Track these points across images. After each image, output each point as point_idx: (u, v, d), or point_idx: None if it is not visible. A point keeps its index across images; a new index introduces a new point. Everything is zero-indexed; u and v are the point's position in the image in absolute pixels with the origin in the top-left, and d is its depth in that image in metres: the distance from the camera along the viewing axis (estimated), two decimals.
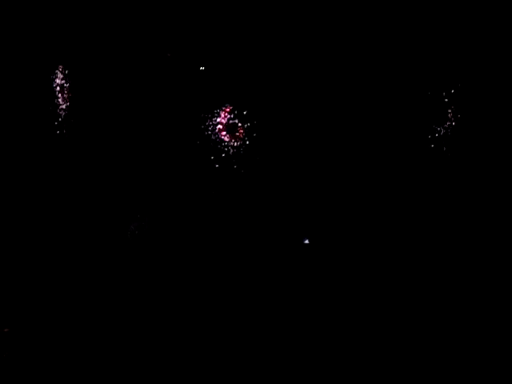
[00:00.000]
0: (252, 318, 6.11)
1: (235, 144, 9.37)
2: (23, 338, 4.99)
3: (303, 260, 8.74)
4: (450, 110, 6.76)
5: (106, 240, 8.61)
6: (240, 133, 9.10)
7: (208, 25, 8.01)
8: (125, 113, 8.88)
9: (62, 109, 7.14)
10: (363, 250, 8.55)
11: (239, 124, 9.25)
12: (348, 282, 7.61)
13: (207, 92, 9.27)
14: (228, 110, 8.91)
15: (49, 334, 5.22)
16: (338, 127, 9.03)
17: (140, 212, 8.97)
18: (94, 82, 8.40)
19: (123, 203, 8.97)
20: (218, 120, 8.98)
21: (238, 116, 9.48)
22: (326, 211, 9.16)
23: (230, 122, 9.15)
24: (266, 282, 7.68)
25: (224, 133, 9.12)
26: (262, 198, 9.57)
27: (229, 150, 9.50)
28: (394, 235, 8.35)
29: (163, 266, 8.43)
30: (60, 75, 7.05)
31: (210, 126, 9.34)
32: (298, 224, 9.50)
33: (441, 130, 6.90)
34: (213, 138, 9.43)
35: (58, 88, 7.02)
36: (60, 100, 7.07)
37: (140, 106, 8.99)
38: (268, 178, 9.63)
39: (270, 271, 8.21)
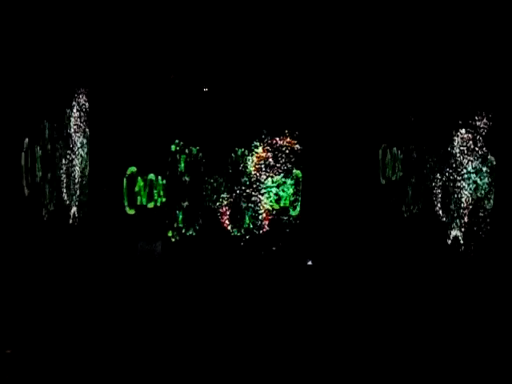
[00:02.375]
0: (256, 336, 6.17)
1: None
2: (25, 359, 5.01)
3: (306, 280, 8.79)
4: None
5: (116, 257, 8.69)
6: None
7: (210, 48, 8.17)
8: (134, 131, 9.02)
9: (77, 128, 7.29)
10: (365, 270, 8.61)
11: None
12: (350, 299, 7.65)
13: (211, 111, 9.42)
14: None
15: (52, 355, 5.25)
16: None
17: (151, 233, 9.09)
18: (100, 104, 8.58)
19: (134, 223, 9.08)
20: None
21: (241, 135, 9.64)
22: (328, 234, 9.22)
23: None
24: (271, 299, 7.72)
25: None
26: (267, 222, 9.65)
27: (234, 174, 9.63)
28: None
29: (171, 283, 8.49)
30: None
31: (215, 145, 9.51)
32: (302, 246, 9.55)
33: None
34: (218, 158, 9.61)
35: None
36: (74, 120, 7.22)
37: (147, 127, 9.15)
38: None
39: (275, 290, 8.26)
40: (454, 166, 6.77)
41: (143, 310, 7.01)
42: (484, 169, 6.16)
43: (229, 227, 9.87)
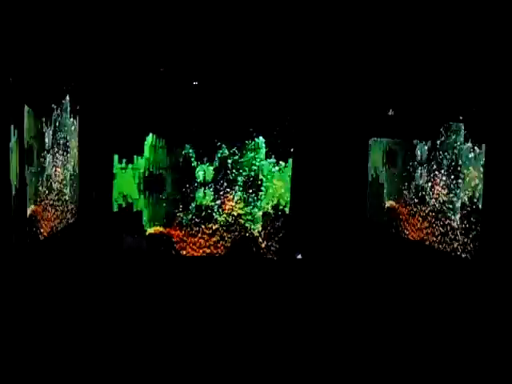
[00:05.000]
0: (247, 331, 6.16)
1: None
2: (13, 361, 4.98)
3: (296, 274, 8.79)
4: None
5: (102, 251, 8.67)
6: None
7: (201, 43, 8.12)
8: (124, 129, 8.98)
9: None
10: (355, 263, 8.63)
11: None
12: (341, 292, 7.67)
13: (201, 106, 9.34)
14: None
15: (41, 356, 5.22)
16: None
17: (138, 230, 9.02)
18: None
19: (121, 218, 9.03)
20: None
21: (231, 129, 9.57)
22: (317, 227, 9.21)
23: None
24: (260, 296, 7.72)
25: None
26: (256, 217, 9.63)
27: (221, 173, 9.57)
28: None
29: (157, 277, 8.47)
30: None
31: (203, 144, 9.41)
32: (291, 240, 9.53)
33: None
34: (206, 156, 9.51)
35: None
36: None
37: (135, 125, 9.07)
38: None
39: (263, 285, 8.25)
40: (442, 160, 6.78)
41: (133, 307, 6.99)
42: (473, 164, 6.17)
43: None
